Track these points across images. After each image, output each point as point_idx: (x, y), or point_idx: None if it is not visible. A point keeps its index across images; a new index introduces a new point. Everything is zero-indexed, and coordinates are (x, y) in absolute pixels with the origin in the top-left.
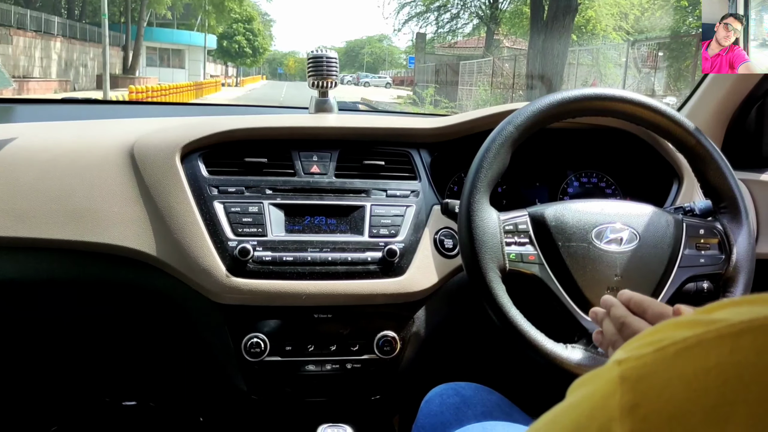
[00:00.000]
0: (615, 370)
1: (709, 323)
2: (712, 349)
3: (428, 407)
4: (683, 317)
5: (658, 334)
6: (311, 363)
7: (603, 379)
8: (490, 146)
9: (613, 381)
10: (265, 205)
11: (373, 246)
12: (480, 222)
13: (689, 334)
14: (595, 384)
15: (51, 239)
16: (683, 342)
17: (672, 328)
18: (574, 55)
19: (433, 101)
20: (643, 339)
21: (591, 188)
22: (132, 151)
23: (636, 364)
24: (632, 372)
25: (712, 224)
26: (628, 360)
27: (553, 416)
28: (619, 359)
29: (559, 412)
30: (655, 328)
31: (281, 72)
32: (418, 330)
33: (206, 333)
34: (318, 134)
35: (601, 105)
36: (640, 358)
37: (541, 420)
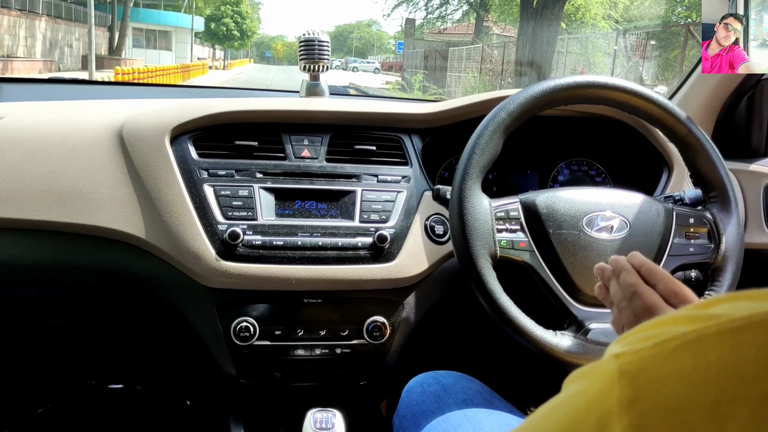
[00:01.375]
0: (613, 364)
1: (709, 318)
2: (712, 344)
3: (409, 396)
4: (681, 311)
5: (656, 329)
6: (300, 347)
7: (601, 372)
8: (482, 132)
9: (611, 375)
10: (256, 189)
11: (364, 231)
12: (471, 208)
13: (689, 329)
14: (593, 378)
15: (39, 220)
16: (682, 337)
17: (670, 322)
18: (563, 44)
19: (421, 87)
20: (640, 333)
21: (581, 176)
22: (121, 132)
23: (634, 358)
24: (631, 366)
25: (702, 213)
26: (626, 354)
27: (550, 409)
28: (617, 353)
29: (555, 405)
30: (652, 322)
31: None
32: (407, 316)
33: (195, 317)
34: (309, 118)
35: (593, 93)
36: (638, 352)
37: (537, 413)
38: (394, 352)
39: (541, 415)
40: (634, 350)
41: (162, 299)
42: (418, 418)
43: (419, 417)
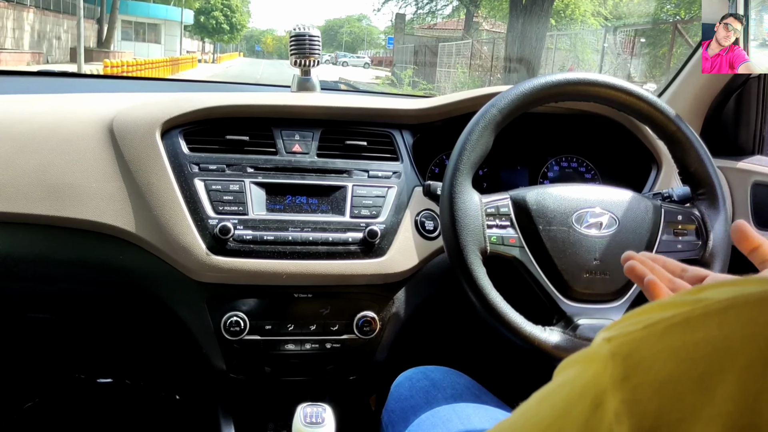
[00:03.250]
0: (605, 347)
1: (696, 302)
2: (700, 324)
3: (398, 391)
4: (669, 299)
5: (645, 314)
6: (291, 342)
7: (593, 356)
8: (473, 128)
9: (603, 357)
10: (247, 184)
11: (354, 227)
12: (462, 204)
13: (677, 312)
14: (586, 363)
15: (28, 214)
16: (671, 319)
17: (659, 308)
18: (552, 40)
19: (411, 82)
20: (630, 319)
21: (570, 173)
22: (111, 125)
23: (625, 339)
24: (622, 347)
25: (690, 210)
26: (617, 337)
27: (543, 395)
28: (607, 337)
29: (549, 391)
30: (642, 309)
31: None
32: (397, 311)
33: (185, 311)
34: (301, 113)
35: (583, 90)
36: (628, 334)
37: (530, 400)
38: (384, 347)
39: (535, 401)
40: (624, 333)
41: (152, 293)
42: (407, 412)
43: (408, 412)
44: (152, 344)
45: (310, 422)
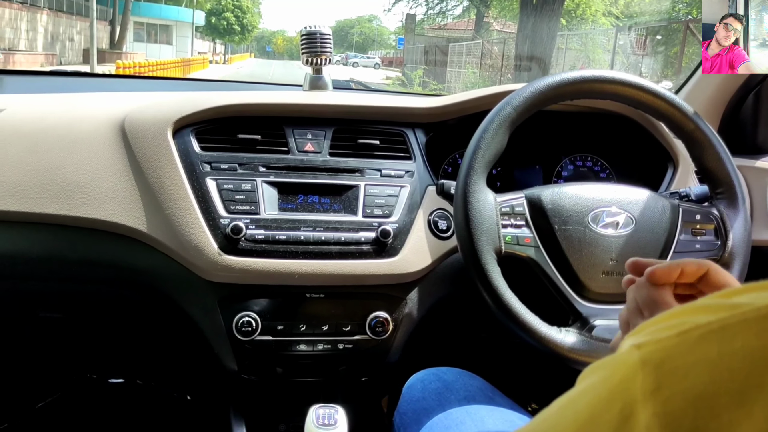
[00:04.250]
0: (634, 354)
1: (732, 308)
2: (738, 333)
3: (410, 393)
4: (702, 301)
5: (677, 318)
6: (303, 343)
7: (621, 363)
8: (488, 127)
9: (633, 365)
10: (259, 183)
11: (367, 226)
12: (476, 203)
13: (712, 318)
14: (613, 368)
15: (40, 213)
16: (706, 326)
17: (692, 312)
18: (562, 40)
19: (421, 83)
20: (661, 323)
21: (585, 172)
22: (123, 125)
23: (657, 347)
24: (654, 355)
25: (709, 210)
26: (648, 344)
27: (568, 400)
28: (638, 343)
29: (573, 396)
30: (673, 312)
31: (270, 50)
32: (410, 311)
33: (196, 311)
34: (313, 111)
35: (600, 87)
36: (660, 341)
37: (553, 405)
38: (397, 348)
39: (559, 407)
40: (656, 339)
41: (163, 293)
42: (420, 415)
43: (420, 414)
44: (163, 344)
45: (322, 424)
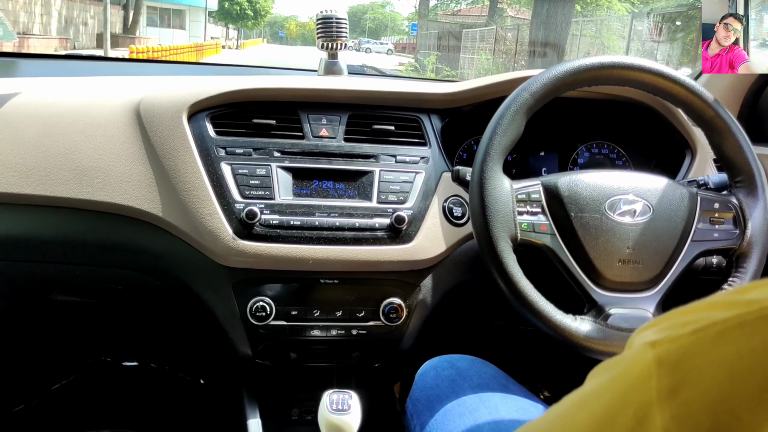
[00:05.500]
0: (649, 353)
1: (749, 304)
2: (756, 329)
3: (423, 380)
4: (716, 297)
5: (691, 314)
6: (316, 328)
7: (635, 362)
8: (504, 113)
9: (648, 364)
10: (273, 168)
11: (381, 212)
12: (492, 190)
13: (729, 315)
14: (626, 367)
15: (56, 197)
16: (723, 323)
17: (706, 308)
18: (577, 26)
19: (434, 69)
20: (674, 319)
21: (601, 159)
22: (138, 108)
23: (672, 346)
24: (669, 354)
25: (727, 198)
26: (663, 342)
27: (579, 400)
28: (651, 341)
29: (585, 396)
30: (686, 308)
31: (282, 35)
32: (424, 298)
33: (211, 296)
34: (328, 96)
35: (618, 73)
36: (676, 339)
37: (562, 405)
38: (410, 335)
39: (572, 406)
40: (671, 337)
41: (178, 278)
42: (433, 401)
43: (433, 401)
44: (177, 329)
45: (336, 409)
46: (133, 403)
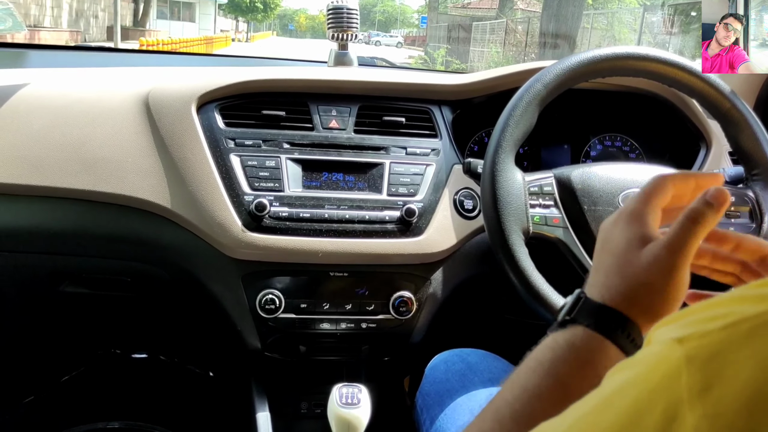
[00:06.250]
0: (677, 350)
1: None
2: None
3: (433, 374)
4: (746, 290)
5: (720, 308)
6: (326, 321)
7: (661, 359)
8: (517, 104)
9: (677, 362)
10: (283, 160)
11: (392, 205)
12: (504, 183)
13: (762, 309)
14: (651, 365)
15: (65, 188)
16: (756, 318)
17: (736, 302)
18: (588, 19)
19: (444, 62)
20: (702, 313)
21: (614, 152)
22: (147, 100)
23: (703, 342)
24: (700, 351)
25: (744, 191)
26: (692, 337)
27: (602, 400)
28: (679, 337)
29: (608, 395)
30: (714, 301)
31: (292, 28)
32: (434, 292)
33: (220, 288)
34: (338, 87)
35: (633, 64)
36: (706, 335)
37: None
38: (420, 329)
39: (593, 407)
40: (701, 333)
41: (186, 270)
42: (443, 395)
43: (443, 395)
44: (186, 321)
45: (346, 403)
46: (142, 395)
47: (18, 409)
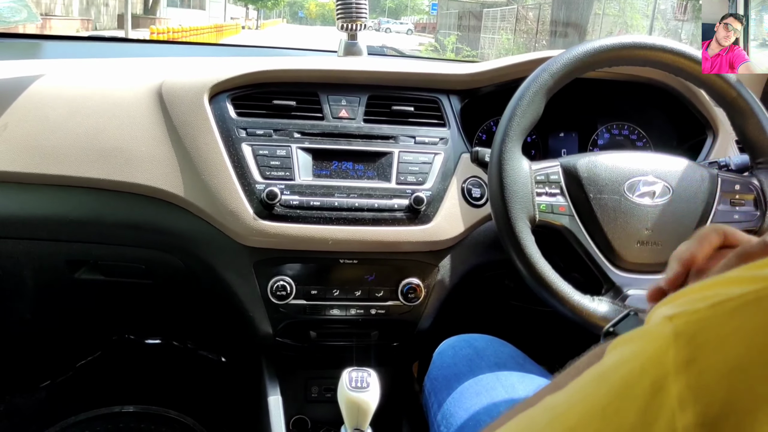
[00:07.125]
0: (667, 326)
1: (765, 279)
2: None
3: (441, 359)
4: (734, 273)
5: (709, 290)
6: (336, 307)
7: (654, 335)
8: (524, 94)
9: (665, 337)
10: (293, 149)
11: (400, 193)
12: (511, 171)
13: (747, 290)
14: (645, 340)
15: (80, 177)
16: (740, 298)
17: (724, 283)
18: (599, 5)
19: (454, 49)
20: (693, 294)
21: (621, 140)
22: (160, 90)
23: (690, 318)
24: (687, 327)
25: (749, 180)
26: (681, 315)
27: (599, 373)
28: (669, 315)
29: (604, 369)
30: (703, 284)
31: (302, 15)
32: (442, 279)
33: (232, 275)
34: (348, 77)
35: (639, 54)
36: (694, 312)
37: (583, 378)
38: (428, 315)
39: (590, 380)
40: (690, 311)
41: (199, 257)
42: (450, 380)
43: (451, 379)
44: (199, 307)
45: (355, 387)
46: (156, 379)
47: (35, 392)
